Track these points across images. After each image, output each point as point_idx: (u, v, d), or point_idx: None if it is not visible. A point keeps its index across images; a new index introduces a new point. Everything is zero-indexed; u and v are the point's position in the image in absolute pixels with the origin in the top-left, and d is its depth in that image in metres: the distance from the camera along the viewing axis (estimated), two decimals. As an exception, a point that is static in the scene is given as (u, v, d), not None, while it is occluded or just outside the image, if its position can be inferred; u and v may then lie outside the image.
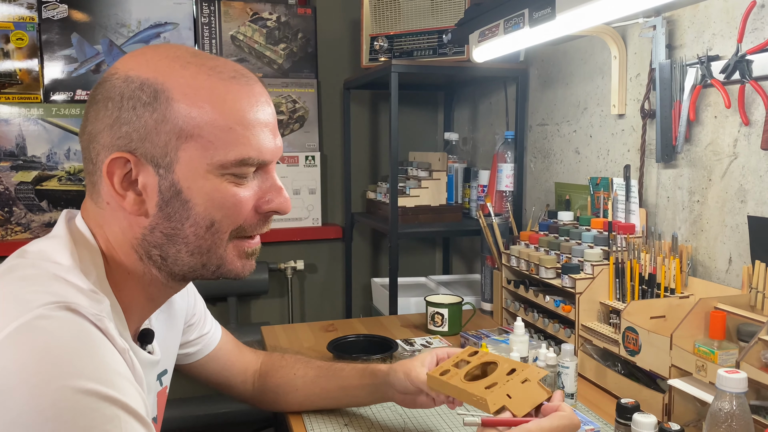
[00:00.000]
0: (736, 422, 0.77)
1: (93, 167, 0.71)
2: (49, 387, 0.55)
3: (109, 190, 0.70)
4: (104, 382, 0.57)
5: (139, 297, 0.75)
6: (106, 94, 0.69)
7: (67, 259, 0.67)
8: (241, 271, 0.77)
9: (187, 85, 0.69)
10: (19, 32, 2.10)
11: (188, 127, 0.68)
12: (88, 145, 0.71)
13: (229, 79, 0.71)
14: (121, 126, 0.68)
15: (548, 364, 1.18)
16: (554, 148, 1.78)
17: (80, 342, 0.59)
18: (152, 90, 0.68)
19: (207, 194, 0.70)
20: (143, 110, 0.68)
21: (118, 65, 0.71)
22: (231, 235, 0.73)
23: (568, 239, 1.43)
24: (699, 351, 0.99)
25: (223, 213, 0.71)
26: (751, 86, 1.11)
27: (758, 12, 1.11)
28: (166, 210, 0.70)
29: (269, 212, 0.75)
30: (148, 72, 0.69)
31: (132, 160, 0.68)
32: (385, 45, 1.95)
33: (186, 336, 1.00)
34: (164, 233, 0.71)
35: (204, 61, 0.71)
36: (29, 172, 2.13)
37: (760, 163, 1.13)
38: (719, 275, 1.23)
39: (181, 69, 0.69)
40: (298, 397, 1.10)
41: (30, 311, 0.58)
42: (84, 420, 0.55)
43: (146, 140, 0.68)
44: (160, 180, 0.69)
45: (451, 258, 2.54)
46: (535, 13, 1.17)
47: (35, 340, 0.56)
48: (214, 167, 0.69)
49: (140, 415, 0.60)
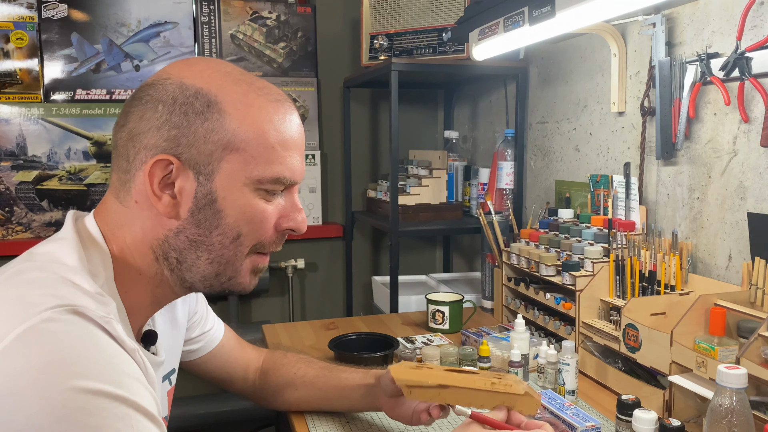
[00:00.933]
0: (736, 418, 0.77)
1: (127, 165, 0.72)
2: (59, 388, 0.55)
3: (143, 190, 0.71)
4: (113, 383, 0.58)
5: (145, 299, 0.76)
6: (157, 96, 0.71)
7: (74, 261, 0.68)
8: (248, 285, 0.79)
9: (239, 101, 0.72)
10: (19, 32, 2.10)
11: (236, 141, 0.71)
12: (127, 143, 0.72)
13: (275, 102, 0.75)
14: (170, 129, 0.70)
15: (549, 361, 1.19)
16: (554, 146, 1.79)
17: (87, 344, 0.59)
18: (206, 100, 0.70)
19: (239, 207, 0.73)
20: (195, 117, 0.70)
21: (170, 71, 0.73)
22: (251, 249, 0.76)
23: (569, 237, 1.43)
24: (699, 347, 0.99)
25: (250, 227, 0.74)
26: (750, 83, 1.11)
27: (757, 9, 1.11)
28: (198, 216, 0.72)
29: (287, 230, 0.78)
30: (203, 82, 0.71)
31: (175, 163, 0.70)
32: (385, 43, 1.95)
33: (188, 333, 1.01)
34: (189, 238, 0.73)
35: (252, 80, 0.75)
36: (30, 171, 2.13)
37: (760, 160, 1.13)
38: (719, 272, 1.23)
39: (233, 85, 0.72)
40: (295, 396, 1.10)
41: (37, 314, 0.58)
42: (94, 419, 0.56)
43: (193, 147, 0.70)
44: (198, 187, 0.71)
45: (451, 256, 2.55)
46: (535, 11, 1.17)
47: (43, 343, 0.57)
48: (251, 181, 0.73)
49: (151, 413, 0.60)
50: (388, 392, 0.98)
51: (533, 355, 1.28)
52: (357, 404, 1.07)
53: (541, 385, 1.22)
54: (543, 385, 1.21)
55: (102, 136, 2.19)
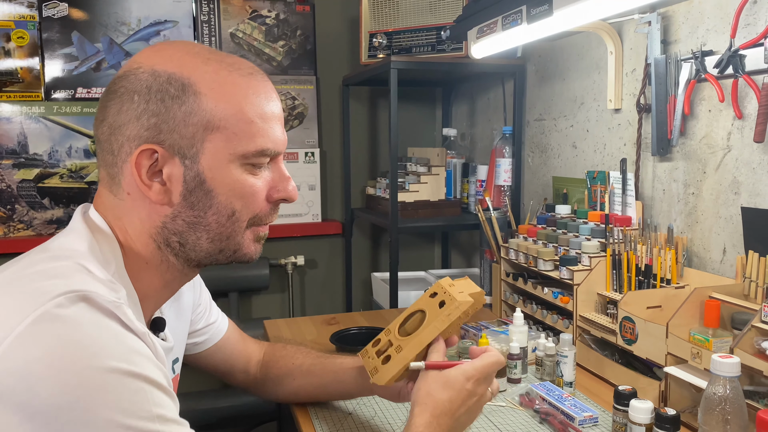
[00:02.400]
0: (729, 405, 0.80)
1: (113, 158, 0.73)
2: (74, 369, 0.57)
3: (133, 181, 0.72)
4: (125, 360, 0.60)
5: (156, 285, 0.78)
6: (131, 87, 0.72)
7: (85, 250, 0.70)
8: (254, 254, 0.81)
9: (212, 80, 0.73)
10: (19, 31, 2.12)
11: (215, 120, 0.72)
12: (109, 137, 0.73)
13: (247, 75, 0.75)
14: (149, 118, 0.71)
15: (547, 354, 1.21)
16: (551, 143, 1.81)
17: (99, 326, 0.61)
18: (180, 84, 0.71)
19: (228, 184, 0.74)
20: (172, 103, 0.71)
21: (140, 60, 0.74)
22: (249, 223, 0.78)
23: (566, 232, 1.45)
24: (694, 339, 1.01)
25: (242, 202, 0.76)
26: (744, 80, 1.13)
27: (751, 8, 1.13)
28: (190, 199, 0.73)
29: (279, 200, 0.80)
30: (173, 67, 0.72)
31: (160, 151, 0.71)
32: (384, 42, 1.97)
33: (193, 326, 1.03)
34: (186, 221, 0.74)
35: (221, 57, 0.75)
36: (31, 169, 2.14)
37: (753, 155, 1.15)
38: (714, 265, 1.25)
39: (204, 65, 0.73)
40: (294, 386, 1.12)
41: (49, 300, 0.60)
42: (111, 395, 0.58)
43: (174, 132, 0.71)
44: (186, 170, 0.72)
45: (449, 252, 2.57)
46: (533, 10, 1.19)
47: (56, 328, 0.59)
48: (236, 157, 0.74)
49: (164, 386, 0.63)
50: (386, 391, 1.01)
51: (532, 347, 1.30)
52: (351, 388, 1.08)
53: (539, 377, 1.24)
54: (541, 377, 1.23)
55: (103, 135, 2.20)
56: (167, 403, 0.63)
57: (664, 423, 0.89)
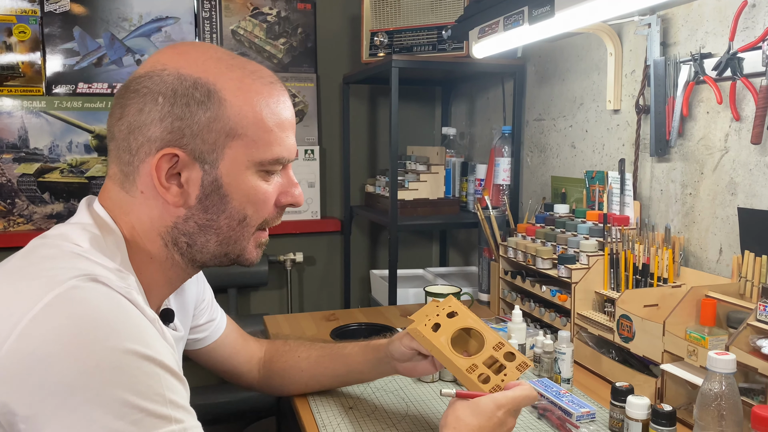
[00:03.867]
0: (725, 401, 0.81)
1: (130, 157, 0.74)
2: (91, 349, 0.58)
3: (149, 181, 0.73)
4: (141, 342, 0.61)
5: (159, 279, 0.79)
6: (155, 88, 0.72)
7: (87, 242, 0.70)
8: (255, 259, 0.83)
9: (236, 87, 0.74)
10: (21, 25, 2.12)
11: (237, 127, 0.74)
12: (127, 136, 0.73)
13: (269, 85, 0.77)
14: (173, 121, 0.72)
15: (545, 351, 1.22)
16: (551, 143, 1.82)
17: (114, 308, 0.62)
18: (206, 89, 0.72)
19: (243, 190, 0.76)
20: (197, 108, 0.72)
21: (164, 60, 0.74)
22: (257, 228, 0.80)
23: (564, 231, 1.47)
24: (690, 337, 1.03)
25: (254, 208, 0.78)
26: (741, 83, 1.15)
27: (749, 11, 1.15)
28: (205, 202, 0.75)
29: (286, 205, 0.82)
30: (199, 71, 0.73)
31: (181, 155, 0.72)
32: (385, 40, 1.98)
33: (196, 320, 1.04)
34: (198, 223, 0.76)
35: (243, 64, 0.77)
36: (31, 164, 2.15)
37: (750, 157, 1.17)
38: (710, 265, 1.27)
39: (229, 71, 0.74)
40: (304, 378, 1.13)
41: (63, 283, 0.61)
42: (126, 377, 0.59)
43: (197, 137, 0.72)
44: (204, 175, 0.74)
45: (447, 250, 2.58)
46: (535, 11, 1.20)
47: (72, 308, 0.60)
48: (253, 164, 0.76)
49: (175, 371, 0.64)
50: (400, 356, 1.02)
51: (530, 344, 1.31)
52: (368, 377, 1.11)
53: (537, 373, 1.25)
54: (539, 374, 1.24)
55: (103, 130, 2.21)
56: (179, 390, 0.64)
57: (660, 418, 0.91)
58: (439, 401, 1.13)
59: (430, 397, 1.15)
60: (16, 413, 0.58)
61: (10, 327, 0.59)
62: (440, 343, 0.94)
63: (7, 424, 0.59)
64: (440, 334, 0.96)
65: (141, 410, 0.59)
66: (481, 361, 0.93)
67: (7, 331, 0.58)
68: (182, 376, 0.66)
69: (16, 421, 0.58)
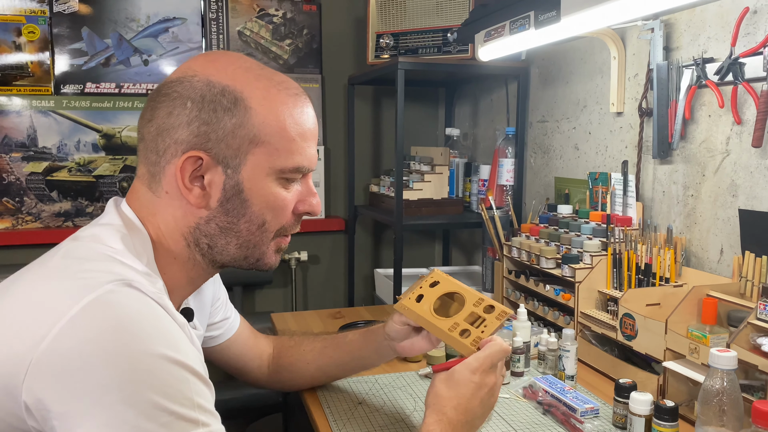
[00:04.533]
0: (726, 397, 0.84)
1: (157, 158, 0.77)
2: (126, 352, 0.61)
3: (174, 182, 0.76)
4: (172, 347, 0.64)
5: (181, 279, 0.82)
6: (185, 93, 0.75)
7: (119, 244, 0.73)
8: (274, 264, 0.86)
9: (262, 96, 0.77)
10: (30, 26, 2.14)
11: (261, 135, 0.76)
12: (156, 138, 0.77)
13: (294, 96, 0.80)
14: (200, 125, 0.75)
15: (549, 348, 1.25)
16: (554, 144, 1.85)
17: (148, 313, 0.65)
18: (233, 97, 0.75)
19: (263, 196, 0.79)
20: (223, 114, 0.75)
21: (194, 67, 0.78)
22: (275, 234, 0.82)
23: (568, 231, 1.49)
24: (692, 335, 1.06)
25: (273, 214, 0.80)
26: (743, 87, 1.17)
27: (751, 18, 1.18)
28: (226, 206, 0.78)
29: (303, 213, 0.85)
30: (227, 79, 0.76)
31: (205, 158, 0.75)
32: (391, 42, 2.01)
33: (211, 318, 1.06)
34: (219, 226, 0.79)
35: (271, 75, 0.80)
36: (40, 162, 2.17)
37: (751, 159, 1.20)
38: (711, 265, 1.30)
39: (256, 81, 0.78)
40: (310, 370, 1.16)
41: (100, 287, 0.64)
42: (158, 380, 0.62)
43: (222, 142, 0.75)
44: (227, 179, 0.77)
45: (450, 249, 2.61)
46: (541, 16, 1.22)
47: (108, 312, 0.63)
48: (274, 171, 0.78)
49: (203, 376, 0.67)
50: (398, 339, 1.05)
51: (534, 342, 1.34)
52: (371, 363, 1.14)
53: (542, 371, 1.28)
54: (544, 371, 1.27)
55: (111, 129, 2.24)
56: (206, 394, 0.67)
57: (663, 414, 0.93)
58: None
59: (438, 393, 1.18)
60: (51, 409, 0.60)
61: (48, 327, 0.61)
62: (423, 310, 0.98)
63: (41, 419, 0.61)
64: (423, 303, 0.99)
65: (170, 413, 0.62)
66: (462, 318, 0.96)
67: (44, 331, 0.61)
68: (208, 380, 0.68)
69: (49, 417, 0.60)
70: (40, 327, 0.61)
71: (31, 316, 0.63)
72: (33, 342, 0.61)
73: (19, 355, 0.61)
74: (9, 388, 0.61)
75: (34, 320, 0.63)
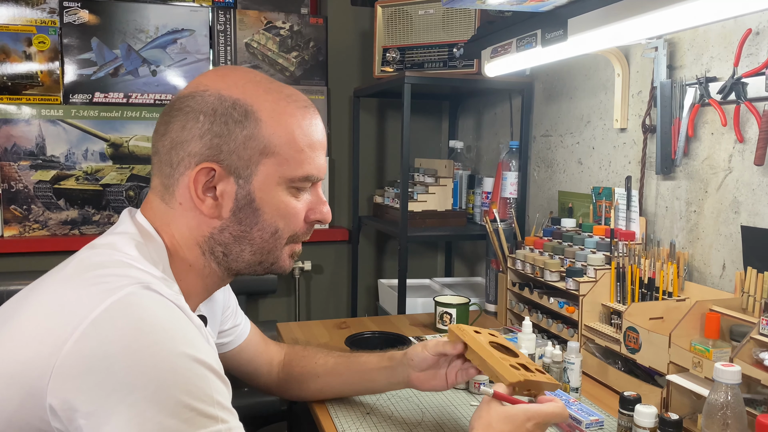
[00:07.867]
0: (730, 411, 0.86)
1: (171, 170, 0.80)
2: (149, 351, 0.63)
3: (187, 193, 0.79)
4: (193, 347, 0.66)
5: (197, 287, 0.84)
6: (197, 107, 0.78)
7: (134, 251, 0.76)
8: (288, 268, 0.89)
9: (272, 109, 0.80)
10: (41, 36, 2.17)
11: (271, 146, 0.79)
12: (170, 151, 0.79)
13: (303, 108, 0.83)
14: (212, 138, 0.77)
15: (554, 361, 1.27)
16: (557, 158, 1.87)
17: (168, 314, 0.68)
18: (243, 110, 0.78)
19: (274, 204, 0.82)
20: (234, 126, 0.78)
21: (206, 82, 0.80)
22: (288, 240, 0.85)
23: (572, 245, 1.51)
24: (695, 349, 1.07)
25: (285, 222, 0.83)
26: (745, 107, 1.20)
27: (753, 39, 1.21)
28: (239, 215, 0.81)
29: (314, 221, 0.87)
30: (238, 93, 0.79)
31: (217, 170, 0.78)
32: (397, 56, 2.04)
33: (222, 325, 1.09)
34: (233, 234, 0.81)
35: (280, 88, 0.83)
36: (48, 171, 2.20)
37: (753, 177, 1.22)
38: (713, 280, 1.32)
39: (266, 94, 0.80)
40: (318, 384, 1.17)
41: (120, 290, 0.66)
42: (181, 378, 0.64)
43: (234, 153, 0.78)
44: (238, 189, 0.79)
45: (453, 261, 2.63)
46: (548, 34, 1.25)
47: (130, 313, 0.65)
48: (284, 181, 0.81)
49: (221, 374, 0.69)
50: (420, 367, 1.06)
51: (539, 354, 1.36)
52: (379, 385, 1.15)
53: (546, 383, 1.30)
54: (548, 383, 1.29)
55: (119, 138, 2.26)
56: (224, 392, 0.69)
57: (667, 427, 0.95)
58: (454, 408, 1.18)
59: (445, 404, 1.19)
60: (78, 409, 0.62)
61: (71, 329, 0.63)
62: (480, 338, 1.00)
63: (66, 419, 0.63)
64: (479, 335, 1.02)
65: (192, 409, 0.64)
66: (513, 361, 0.98)
67: (68, 333, 0.63)
68: (226, 378, 0.70)
69: (76, 417, 0.62)
70: (62, 330, 0.64)
71: (53, 320, 0.66)
72: (56, 345, 0.63)
73: (42, 358, 0.63)
74: (33, 391, 0.63)
75: (56, 324, 0.65)
